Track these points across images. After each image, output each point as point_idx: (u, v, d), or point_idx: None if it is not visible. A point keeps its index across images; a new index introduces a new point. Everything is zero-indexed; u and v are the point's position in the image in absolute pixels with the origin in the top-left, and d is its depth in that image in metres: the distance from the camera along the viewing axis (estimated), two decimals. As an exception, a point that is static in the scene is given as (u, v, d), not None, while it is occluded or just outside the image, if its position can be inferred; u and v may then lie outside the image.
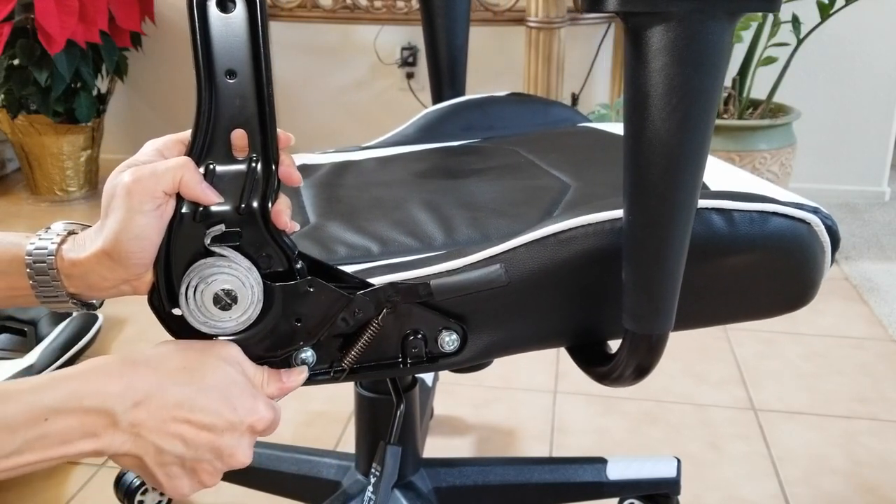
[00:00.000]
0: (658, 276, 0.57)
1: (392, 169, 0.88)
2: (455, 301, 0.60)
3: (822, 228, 0.66)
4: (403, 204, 0.75)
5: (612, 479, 1.00)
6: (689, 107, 0.51)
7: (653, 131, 0.52)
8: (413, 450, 0.93)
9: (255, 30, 0.50)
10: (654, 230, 0.55)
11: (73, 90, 2.28)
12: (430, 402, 1.26)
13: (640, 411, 1.38)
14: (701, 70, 0.50)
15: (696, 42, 0.49)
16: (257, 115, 0.52)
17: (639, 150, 0.53)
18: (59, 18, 2.07)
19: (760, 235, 0.63)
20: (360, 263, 0.64)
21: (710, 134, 0.53)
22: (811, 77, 2.32)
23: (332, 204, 0.78)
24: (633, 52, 0.51)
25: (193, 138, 0.52)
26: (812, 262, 0.66)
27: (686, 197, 0.54)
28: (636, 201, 0.56)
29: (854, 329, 1.67)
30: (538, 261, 0.60)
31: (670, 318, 0.60)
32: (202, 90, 0.51)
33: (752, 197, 0.65)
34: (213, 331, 0.54)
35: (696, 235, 0.59)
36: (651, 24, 0.49)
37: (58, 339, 1.35)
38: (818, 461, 1.24)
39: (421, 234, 0.68)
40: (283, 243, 0.54)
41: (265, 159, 0.53)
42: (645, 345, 0.60)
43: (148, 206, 0.51)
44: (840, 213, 2.34)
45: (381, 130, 2.92)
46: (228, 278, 0.53)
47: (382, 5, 2.04)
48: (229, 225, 0.53)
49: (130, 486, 1.10)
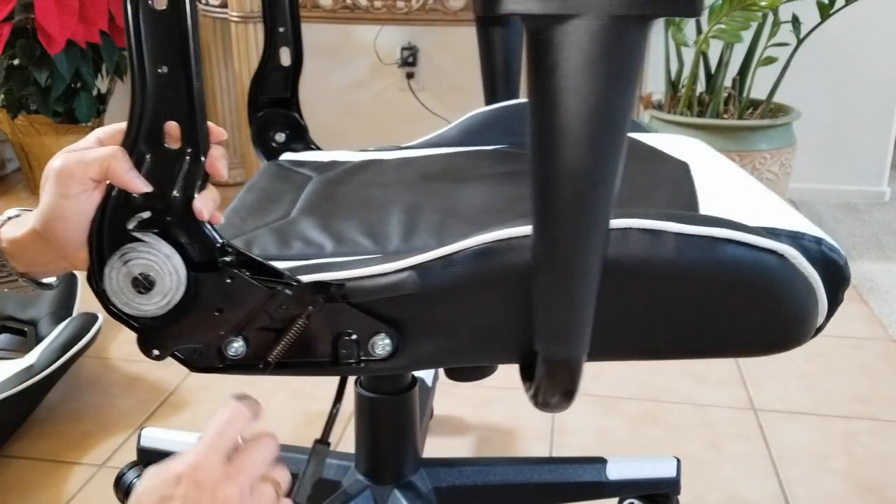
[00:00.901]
0: (565, 298, 0.54)
1: (407, 170, 0.88)
2: (389, 307, 0.59)
3: (802, 261, 0.59)
4: (388, 205, 0.75)
5: (611, 479, 1.00)
6: (597, 119, 0.47)
7: (557, 145, 0.48)
8: (413, 450, 0.93)
9: (184, 25, 0.52)
10: (559, 249, 0.52)
11: (73, 90, 2.28)
12: (430, 402, 1.26)
13: (640, 411, 1.38)
14: (608, 79, 0.46)
15: (603, 49, 0.45)
16: (188, 108, 0.54)
17: (543, 164, 0.50)
18: (59, 18, 2.07)
19: (708, 263, 0.57)
20: (309, 259, 0.65)
21: (621, 145, 0.49)
22: (811, 77, 2.32)
23: (323, 200, 0.78)
24: (535, 57, 0.47)
25: (128, 128, 0.55)
26: (791, 300, 0.59)
27: (593, 215, 0.51)
28: (541, 217, 0.52)
29: (854, 329, 1.67)
30: (455, 274, 0.58)
31: (580, 343, 0.56)
32: (136, 82, 0.53)
33: (702, 220, 0.59)
34: (135, 312, 0.57)
35: (629, 257, 0.56)
36: (553, 28, 0.45)
37: (58, 339, 1.35)
38: (818, 461, 1.24)
39: (380, 235, 0.68)
40: (205, 234, 0.56)
41: (194, 151, 0.55)
42: (557, 369, 0.57)
43: (74, 190, 0.54)
44: (840, 213, 2.34)
45: (380, 130, 2.93)
46: (146, 263, 0.55)
47: (382, 5, 2.05)
48: (155, 212, 0.55)
49: (130, 486, 1.10)
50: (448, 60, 2.55)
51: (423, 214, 0.72)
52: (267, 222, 0.74)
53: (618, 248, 0.56)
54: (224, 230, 0.73)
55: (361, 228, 0.70)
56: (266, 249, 0.68)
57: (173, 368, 1.50)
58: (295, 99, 0.97)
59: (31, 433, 1.30)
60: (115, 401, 1.40)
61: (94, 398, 1.41)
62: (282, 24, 0.94)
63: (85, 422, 1.34)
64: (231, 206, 0.82)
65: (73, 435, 1.30)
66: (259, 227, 0.73)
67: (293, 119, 0.97)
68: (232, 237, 0.71)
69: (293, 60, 0.95)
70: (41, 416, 1.35)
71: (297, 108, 0.97)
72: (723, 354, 0.62)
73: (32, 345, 1.40)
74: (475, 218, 0.71)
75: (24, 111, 2.30)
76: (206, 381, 1.46)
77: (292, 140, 0.98)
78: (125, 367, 1.51)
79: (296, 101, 0.97)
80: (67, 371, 1.39)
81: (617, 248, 0.56)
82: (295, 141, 0.98)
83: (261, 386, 1.44)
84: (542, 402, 0.61)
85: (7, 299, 1.50)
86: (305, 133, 0.98)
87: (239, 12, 2.09)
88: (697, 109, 2.05)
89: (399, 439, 0.92)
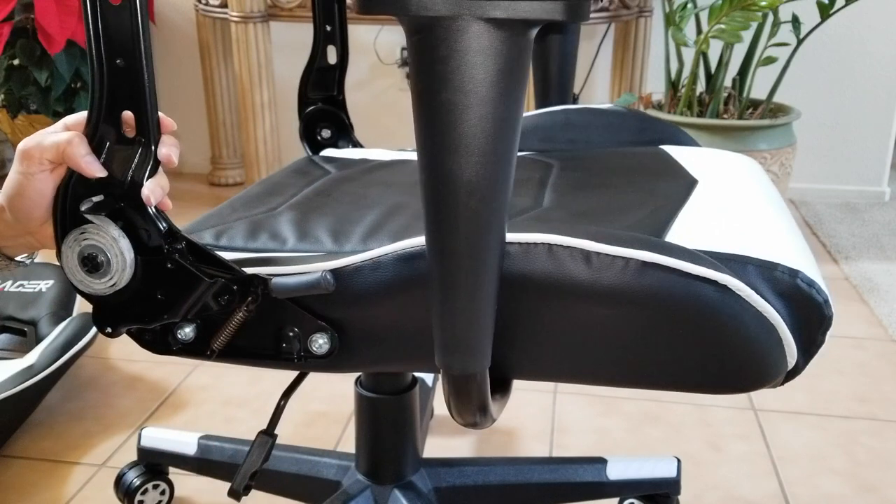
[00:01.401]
0: (458, 310, 0.52)
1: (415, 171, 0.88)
2: (329, 307, 0.60)
3: (750, 294, 0.53)
4: (374, 205, 0.76)
5: (612, 479, 1.00)
6: (482, 127, 0.45)
7: (439, 153, 0.47)
8: (413, 450, 0.93)
9: (136, 21, 0.55)
10: (447, 261, 0.51)
11: (73, 90, 2.28)
12: (431, 402, 1.26)
13: (640, 411, 1.38)
14: (491, 85, 0.44)
15: (484, 54, 0.43)
16: (141, 99, 0.57)
17: (429, 172, 0.48)
18: (59, 18, 2.07)
19: (630, 287, 0.53)
20: (267, 253, 0.66)
21: (507, 154, 0.47)
22: (811, 77, 2.32)
23: (318, 197, 0.79)
24: (414, 61, 0.45)
25: (89, 116, 0.58)
26: (739, 336, 0.54)
27: (483, 227, 0.49)
28: (432, 225, 0.50)
29: (854, 329, 1.67)
30: (380, 278, 0.58)
31: (479, 358, 0.54)
32: (94, 73, 0.56)
33: (629, 241, 0.54)
34: (88, 290, 0.60)
35: (536, 272, 0.54)
36: (431, 30, 0.44)
37: (58, 339, 1.35)
38: (818, 461, 1.24)
39: (343, 234, 0.69)
40: (152, 220, 0.59)
41: (146, 140, 0.58)
42: (460, 384, 0.56)
43: (32, 169, 0.58)
44: (840, 213, 2.34)
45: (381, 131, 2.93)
46: (94, 244, 0.59)
47: (382, 5, 2.04)
48: (109, 197, 0.58)
49: (130, 486, 1.10)
50: (448, 60, 2.55)
51: (398, 216, 0.72)
52: (251, 214, 0.75)
53: (523, 262, 0.54)
54: (207, 219, 0.75)
55: (330, 226, 0.70)
56: (233, 240, 0.69)
57: (173, 368, 1.50)
58: (341, 97, 1.00)
59: (31, 433, 1.30)
60: (115, 401, 1.40)
61: (94, 398, 1.41)
62: (329, 23, 0.95)
63: (85, 422, 1.34)
64: (234, 196, 0.82)
65: (73, 435, 1.30)
66: (240, 219, 0.74)
67: (338, 117, 1.00)
68: (210, 226, 0.72)
69: (339, 59, 0.97)
70: (41, 416, 1.35)
71: (344, 106, 1.00)
72: (669, 388, 0.58)
73: (32, 345, 1.40)
74: None
75: (24, 111, 2.30)
76: (205, 380, 1.46)
77: (337, 137, 1.01)
78: (125, 367, 1.51)
79: (342, 99, 1.00)
80: (67, 371, 1.39)
81: (522, 262, 0.54)
82: (340, 138, 1.01)
83: (260, 386, 1.44)
84: (458, 418, 0.59)
85: (7, 299, 1.50)
86: (350, 131, 1.01)
87: (239, 12, 2.09)
88: (697, 109, 2.05)
89: (399, 439, 0.92)
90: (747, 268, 0.56)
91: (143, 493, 1.11)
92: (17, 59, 2.19)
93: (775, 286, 0.56)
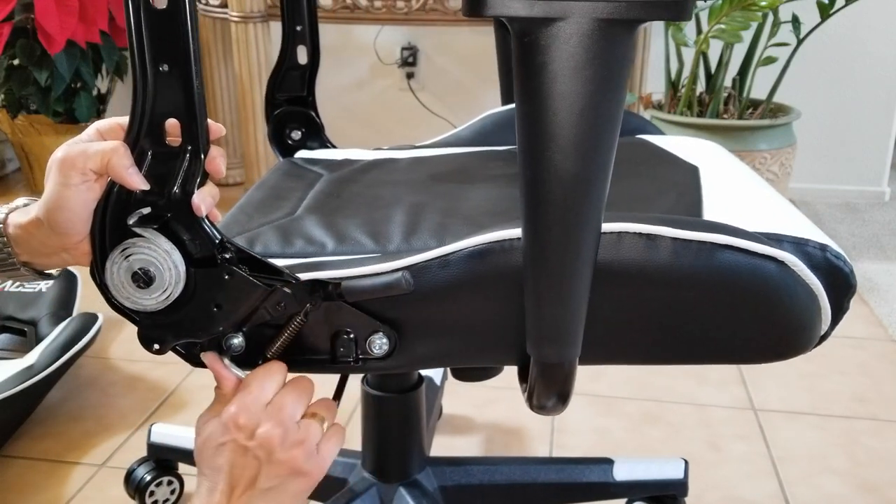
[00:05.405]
0: (555, 301, 0.53)
1: (418, 169, 0.88)
2: (388, 306, 0.59)
3: (803, 268, 0.58)
4: (392, 204, 0.75)
5: (618, 479, 0.99)
6: (585, 122, 0.47)
7: (545, 148, 0.48)
8: (419, 448, 0.93)
9: (184, 24, 0.53)
10: (548, 252, 0.52)
11: (73, 90, 2.28)
12: (439, 401, 1.26)
13: (640, 411, 1.38)
14: (595, 82, 0.45)
15: (590, 52, 0.45)
16: (187, 106, 0.55)
17: (532, 167, 0.49)
18: (59, 18, 2.07)
19: (705, 269, 0.56)
20: (310, 258, 0.65)
21: (610, 149, 0.49)
22: (811, 77, 2.32)
23: (329, 199, 0.79)
24: (522, 60, 0.46)
25: (130, 125, 0.55)
26: (791, 307, 0.58)
27: (583, 218, 0.50)
28: (530, 220, 0.52)
29: (854, 329, 1.67)
30: (450, 275, 0.58)
31: (572, 347, 0.56)
32: (137, 80, 0.54)
33: (700, 225, 0.58)
34: (136, 307, 0.58)
35: (622, 261, 0.55)
36: (539, 31, 0.45)
37: (58, 339, 1.35)
38: (818, 461, 1.24)
39: (381, 235, 0.68)
40: (204, 230, 0.57)
41: (193, 148, 0.55)
42: (549, 373, 0.57)
43: (75, 180, 0.55)
44: (840, 213, 2.34)
45: (381, 131, 2.93)
46: (146, 258, 0.56)
47: (382, 5, 2.04)
48: (155, 208, 0.56)
49: (141, 481, 1.10)
50: (448, 60, 2.55)
51: (426, 215, 0.72)
52: (272, 220, 0.75)
53: (611, 252, 0.56)
54: (229, 227, 0.73)
55: (364, 227, 0.70)
56: (268, 247, 0.68)
57: (173, 368, 1.50)
58: (311, 97, 0.98)
59: (31, 433, 1.30)
60: (115, 401, 1.40)
61: (94, 398, 1.41)
62: (299, 23, 0.95)
63: (85, 422, 1.34)
64: (239, 203, 0.82)
65: (73, 435, 1.30)
66: (264, 225, 0.73)
67: (309, 117, 0.98)
68: (236, 234, 0.71)
69: (310, 59, 0.96)
70: (41, 416, 1.35)
71: (314, 106, 0.98)
72: (723, 361, 0.61)
73: (32, 345, 1.40)
74: (478, 219, 0.70)
75: (24, 111, 2.30)
76: (206, 380, 1.46)
77: (308, 138, 0.99)
78: (125, 367, 1.51)
79: (312, 100, 0.98)
80: (67, 371, 1.39)
81: (610, 252, 0.56)
82: (310, 139, 0.99)
83: (261, 386, 1.43)
84: (537, 405, 0.60)
85: (7, 299, 1.50)
86: (321, 131, 0.99)
87: (239, 12, 2.09)
88: (697, 109, 2.05)
89: (405, 438, 0.92)
90: (783, 244, 0.59)
91: (156, 487, 1.11)
92: (17, 59, 2.19)
93: (809, 260, 0.59)
